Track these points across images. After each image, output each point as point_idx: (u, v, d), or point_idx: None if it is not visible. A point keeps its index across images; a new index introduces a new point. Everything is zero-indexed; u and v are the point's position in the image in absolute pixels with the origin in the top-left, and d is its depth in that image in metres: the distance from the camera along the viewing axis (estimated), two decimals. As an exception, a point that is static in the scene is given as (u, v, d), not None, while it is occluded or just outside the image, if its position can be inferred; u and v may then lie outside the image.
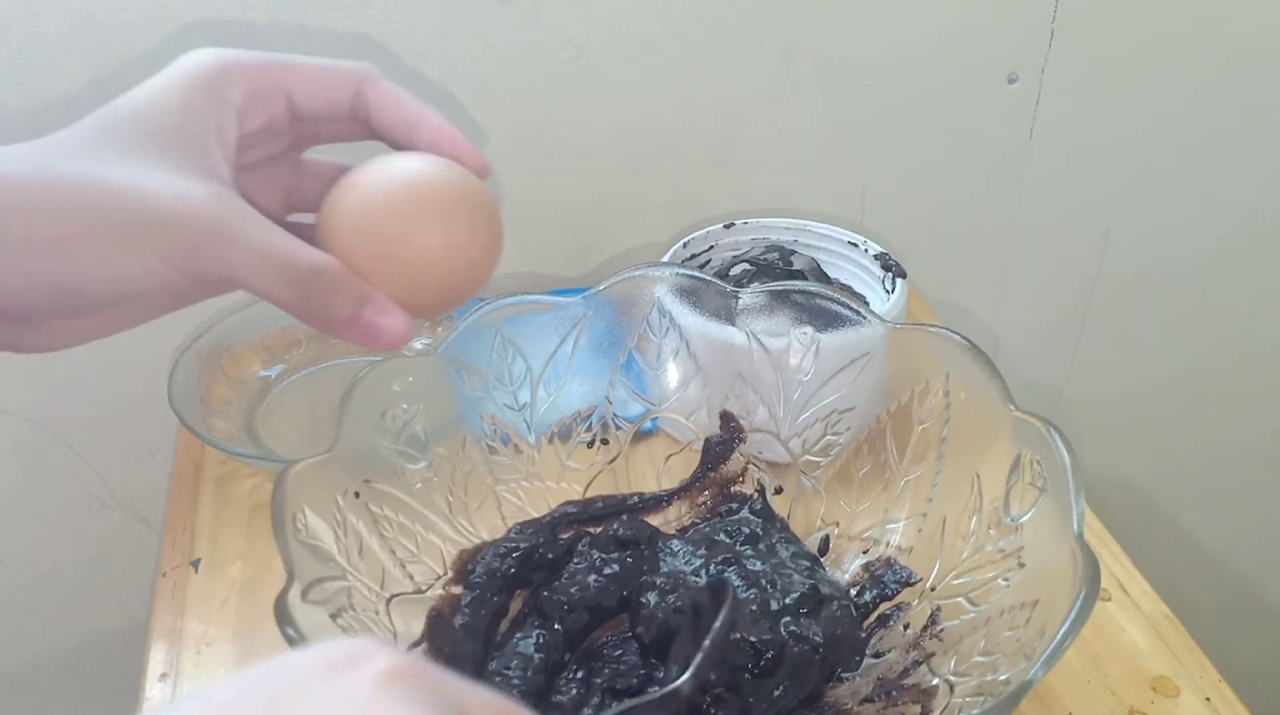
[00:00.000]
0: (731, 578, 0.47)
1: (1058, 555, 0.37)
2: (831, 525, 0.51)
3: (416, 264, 0.34)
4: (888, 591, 0.47)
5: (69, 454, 0.75)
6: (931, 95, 0.78)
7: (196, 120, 0.33)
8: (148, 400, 0.73)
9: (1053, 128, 0.82)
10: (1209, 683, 0.49)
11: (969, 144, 0.82)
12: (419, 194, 0.34)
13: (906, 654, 0.43)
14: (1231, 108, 0.85)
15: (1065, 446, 0.39)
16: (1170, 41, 0.81)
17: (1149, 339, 0.97)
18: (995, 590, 0.41)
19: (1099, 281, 0.92)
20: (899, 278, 0.64)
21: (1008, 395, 0.42)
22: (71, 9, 0.60)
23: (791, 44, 0.73)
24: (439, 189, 0.34)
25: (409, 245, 0.34)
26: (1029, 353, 0.95)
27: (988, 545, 0.43)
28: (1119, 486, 1.03)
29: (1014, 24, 0.77)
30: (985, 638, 0.40)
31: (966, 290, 0.89)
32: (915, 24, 0.75)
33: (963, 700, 0.38)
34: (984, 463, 0.44)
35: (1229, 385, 1.02)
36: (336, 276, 0.33)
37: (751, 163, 0.77)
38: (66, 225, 0.31)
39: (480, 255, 0.35)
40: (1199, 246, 0.92)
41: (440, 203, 0.34)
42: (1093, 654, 0.50)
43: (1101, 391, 0.99)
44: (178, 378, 0.64)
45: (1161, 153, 0.86)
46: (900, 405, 0.48)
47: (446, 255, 0.34)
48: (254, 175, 0.38)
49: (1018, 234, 0.87)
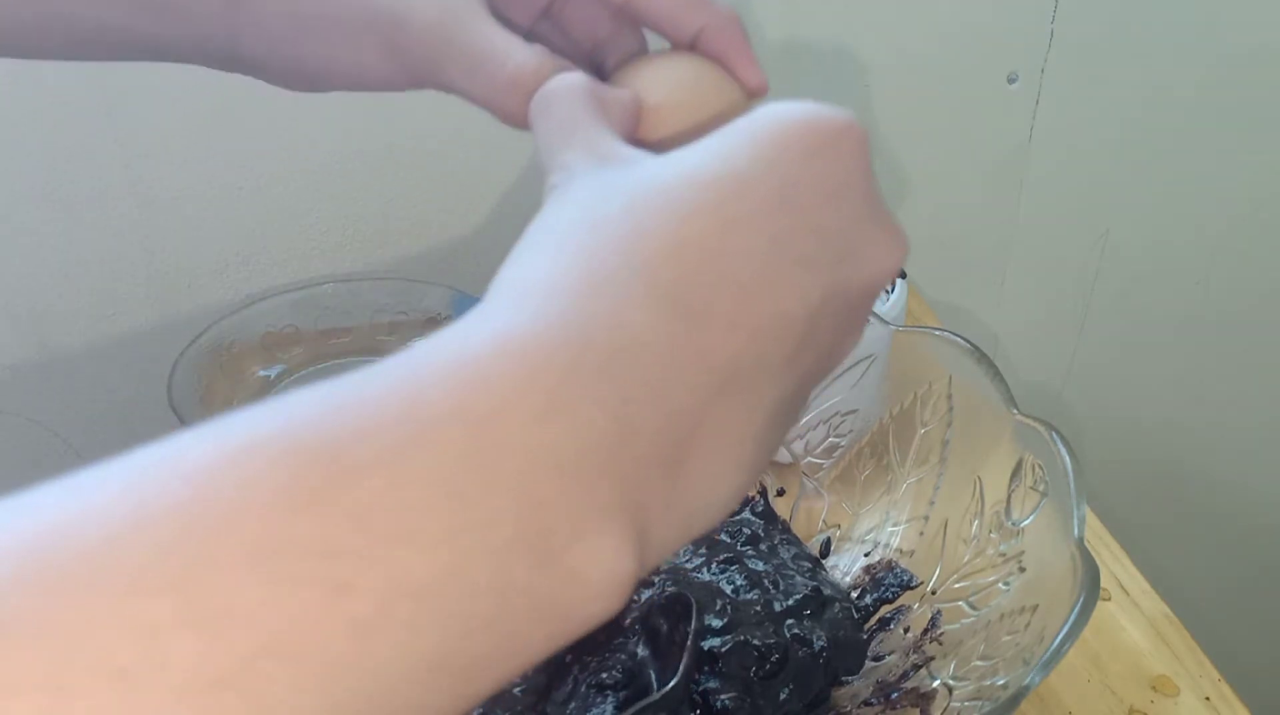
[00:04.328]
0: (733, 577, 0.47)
1: (1058, 560, 0.37)
2: (833, 527, 0.51)
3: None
4: (888, 594, 0.47)
5: (69, 454, 0.75)
6: (931, 95, 0.78)
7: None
8: (148, 400, 0.73)
9: (1053, 128, 0.82)
10: (1209, 682, 0.49)
11: (969, 144, 0.81)
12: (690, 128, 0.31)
13: (906, 657, 0.44)
14: (1231, 107, 0.85)
15: (1067, 451, 0.39)
16: (1170, 41, 0.81)
17: (1149, 339, 0.97)
18: (995, 594, 0.41)
19: (1099, 281, 0.92)
20: (899, 278, 0.64)
21: (1010, 399, 0.42)
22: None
23: (791, 43, 0.73)
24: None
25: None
26: (1029, 352, 0.95)
27: (989, 549, 0.43)
28: (1119, 486, 1.03)
29: (1014, 24, 0.77)
30: (985, 642, 0.40)
31: (966, 290, 0.89)
32: (915, 24, 0.75)
33: (961, 704, 0.38)
34: (986, 466, 0.44)
35: (1229, 385, 1.02)
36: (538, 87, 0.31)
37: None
38: (295, 8, 0.32)
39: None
40: (1199, 246, 0.92)
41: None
42: (1092, 654, 0.51)
43: (1101, 391, 0.99)
44: (178, 378, 0.64)
45: (1161, 153, 0.86)
46: (903, 408, 0.48)
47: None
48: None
49: (1017, 234, 0.87)
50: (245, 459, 0.18)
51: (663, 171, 0.23)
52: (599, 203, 0.23)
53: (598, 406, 0.20)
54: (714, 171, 0.23)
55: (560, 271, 0.22)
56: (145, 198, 0.68)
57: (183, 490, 0.17)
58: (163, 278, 0.71)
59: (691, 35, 0.34)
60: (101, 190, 0.67)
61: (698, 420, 0.22)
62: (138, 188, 0.68)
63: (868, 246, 0.25)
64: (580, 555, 0.20)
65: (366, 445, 0.19)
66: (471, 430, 0.19)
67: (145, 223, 0.69)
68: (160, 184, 0.68)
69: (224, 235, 0.71)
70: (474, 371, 0.20)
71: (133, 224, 0.69)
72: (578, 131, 0.27)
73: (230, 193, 0.70)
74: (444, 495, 0.19)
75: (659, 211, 0.22)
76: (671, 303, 0.22)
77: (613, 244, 0.22)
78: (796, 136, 0.24)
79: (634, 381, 0.21)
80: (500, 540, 0.19)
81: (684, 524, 0.22)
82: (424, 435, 0.19)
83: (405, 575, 0.18)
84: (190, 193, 0.69)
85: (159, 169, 0.68)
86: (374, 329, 0.73)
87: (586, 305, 0.21)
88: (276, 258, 0.73)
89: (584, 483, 0.20)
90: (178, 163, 0.67)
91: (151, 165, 0.67)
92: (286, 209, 0.71)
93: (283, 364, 0.70)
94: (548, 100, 0.28)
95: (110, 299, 0.71)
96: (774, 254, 0.23)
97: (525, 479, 0.19)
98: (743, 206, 0.23)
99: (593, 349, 0.21)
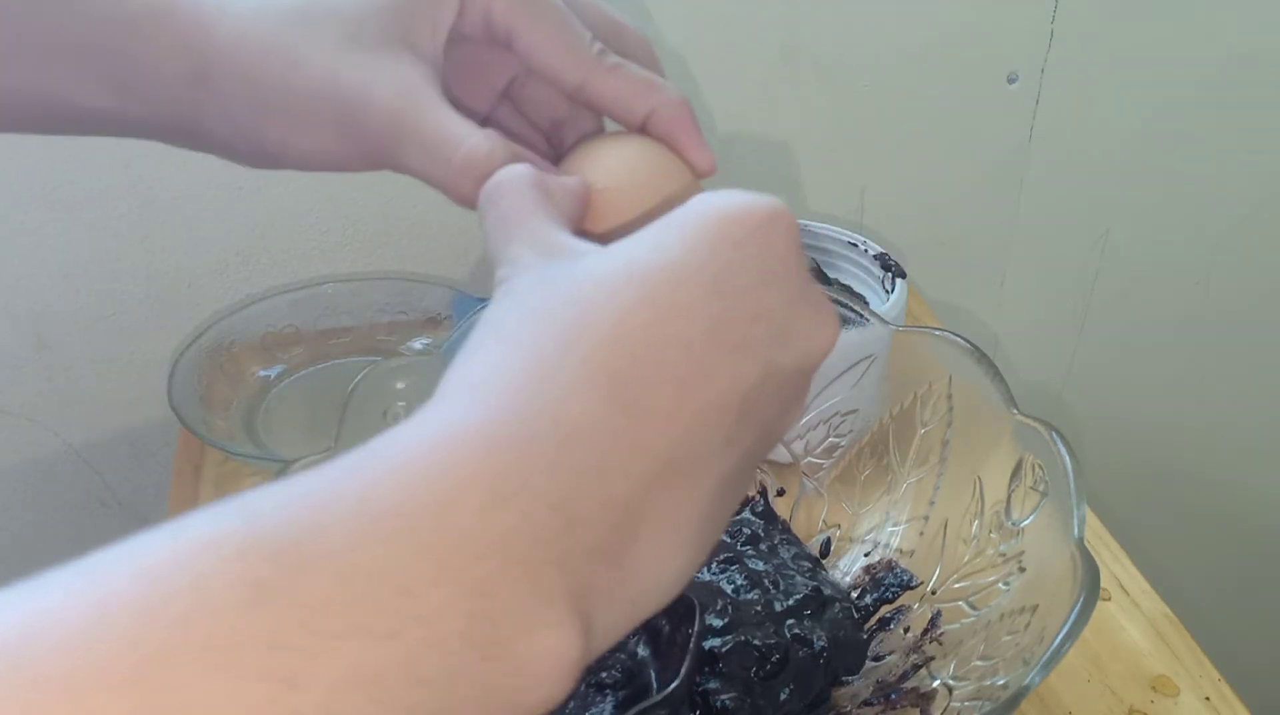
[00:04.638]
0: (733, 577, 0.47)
1: (1058, 560, 0.37)
2: (833, 527, 0.51)
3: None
4: (888, 594, 0.47)
5: (69, 454, 0.75)
6: (931, 95, 0.78)
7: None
8: (148, 400, 0.73)
9: (1053, 128, 0.82)
10: (1209, 682, 0.49)
11: (969, 144, 0.82)
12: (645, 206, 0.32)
13: (906, 657, 0.44)
14: (1231, 107, 0.85)
15: (1067, 451, 0.39)
16: (1170, 41, 0.81)
17: (1149, 339, 0.97)
18: (995, 594, 0.41)
19: (1099, 281, 0.92)
20: (899, 278, 0.64)
21: (1010, 399, 0.42)
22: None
23: (791, 43, 0.73)
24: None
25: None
26: (1029, 352, 0.95)
27: (989, 549, 0.43)
28: (1119, 486, 1.03)
29: (1014, 24, 0.77)
30: (985, 642, 0.40)
31: (966, 290, 0.89)
32: (915, 24, 0.75)
33: (961, 704, 0.38)
34: (986, 466, 0.44)
35: (1229, 385, 1.02)
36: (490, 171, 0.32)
37: (751, 162, 0.77)
38: (258, 92, 0.33)
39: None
40: (1199, 246, 0.92)
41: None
42: (1092, 653, 0.51)
43: (1101, 391, 0.99)
44: (178, 378, 0.64)
45: (1161, 152, 0.86)
46: (903, 408, 0.48)
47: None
48: (459, 63, 0.36)
49: (1017, 234, 0.87)
50: (200, 556, 0.18)
51: (602, 264, 0.24)
52: (543, 297, 0.24)
53: (540, 497, 0.21)
54: (650, 263, 0.24)
55: (506, 366, 0.23)
56: (145, 198, 0.68)
57: (141, 587, 0.18)
58: (163, 278, 0.71)
59: (641, 119, 0.34)
60: (101, 190, 0.67)
61: (638, 507, 0.23)
62: (138, 188, 0.68)
63: (801, 326, 0.26)
64: (527, 645, 0.20)
65: (318, 540, 0.19)
66: (419, 523, 0.20)
67: (145, 223, 0.69)
68: (160, 184, 0.68)
69: (224, 235, 0.71)
70: (423, 466, 0.21)
71: (133, 224, 0.69)
72: (523, 225, 0.27)
73: (230, 193, 0.70)
74: (392, 588, 0.19)
75: (600, 305, 0.23)
76: (611, 394, 0.22)
77: (556, 337, 0.23)
78: (728, 226, 0.25)
79: (575, 471, 0.22)
80: (448, 631, 0.19)
81: (630, 608, 0.23)
82: (374, 528, 0.20)
83: (353, 668, 0.18)
84: (190, 193, 0.69)
85: (159, 169, 0.68)
86: (374, 329, 0.73)
87: (531, 398, 0.22)
88: (276, 258, 0.73)
89: (530, 572, 0.20)
90: (178, 163, 0.67)
91: (151, 165, 0.67)
92: (286, 209, 0.71)
93: (283, 364, 0.70)
94: (494, 194, 0.29)
95: (110, 299, 0.71)
96: (710, 341, 0.24)
97: (472, 569, 0.20)
98: (678, 297, 0.24)
99: (537, 440, 0.21)
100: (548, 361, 0.22)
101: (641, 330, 0.23)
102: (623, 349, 0.23)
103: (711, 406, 0.23)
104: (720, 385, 0.24)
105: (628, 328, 0.23)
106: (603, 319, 0.23)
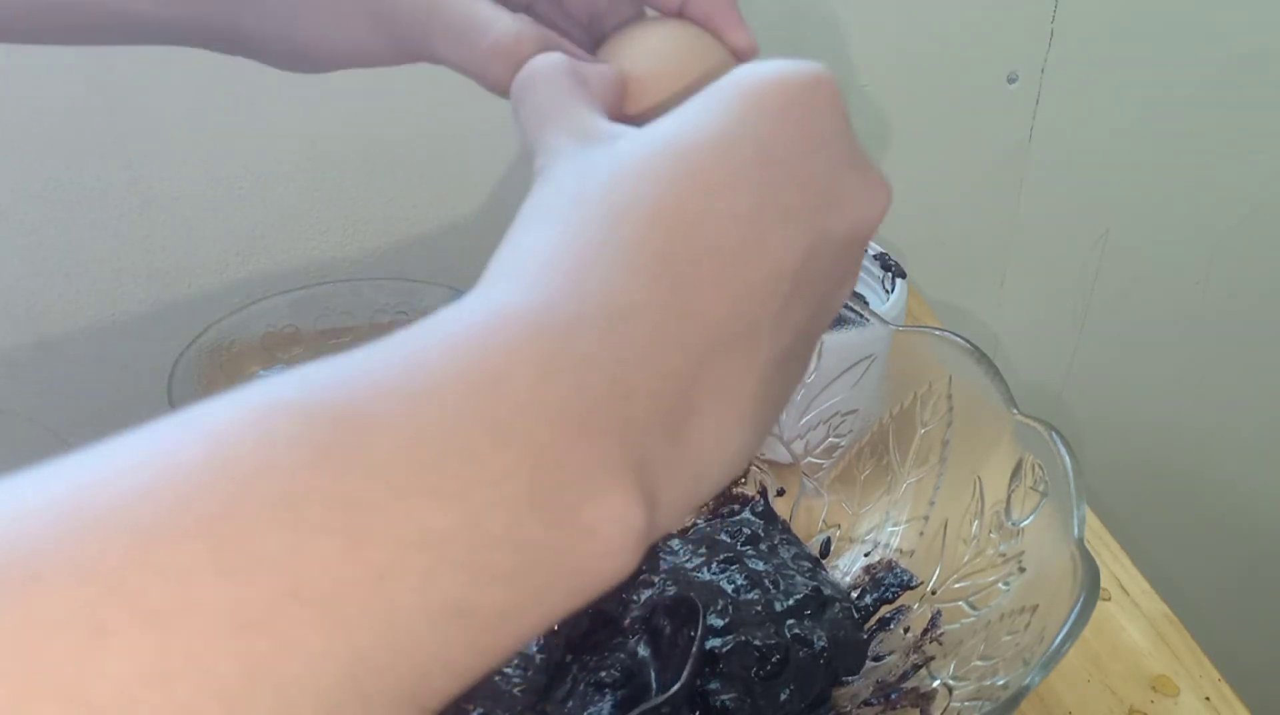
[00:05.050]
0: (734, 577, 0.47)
1: (1058, 560, 0.37)
2: (833, 527, 0.51)
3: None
4: (888, 594, 0.47)
5: (69, 454, 0.75)
6: (931, 95, 0.78)
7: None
8: (148, 400, 0.73)
9: (1053, 128, 0.82)
10: (1209, 682, 0.49)
11: (969, 144, 0.81)
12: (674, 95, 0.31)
13: (906, 657, 0.44)
14: (1232, 107, 0.85)
15: (1067, 451, 0.39)
16: (1170, 41, 0.81)
17: (1149, 339, 0.97)
18: (995, 594, 0.41)
19: (1099, 281, 0.92)
20: (899, 278, 0.64)
21: (1010, 399, 0.42)
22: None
23: (790, 43, 0.73)
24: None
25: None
26: (1029, 352, 0.95)
27: (989, 549, 0.43)
28: (1119, 487, 1.03)
29: (1014, 24, 0.77)
30: (985, 642, 0.40)
31: (966, 290, 0.89)
32: (915, 23, 0.75)
33: (961, 704, 0.38)
34: (986, 466, 0.44)
35: (1229, 385, 1.02)
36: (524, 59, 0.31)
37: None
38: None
39: None
40: (1199, 246, 0.92)
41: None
42: (1092, 653, 0.51)
43: (1101, 391, 0.99)
44: (178, 378, 0.64)
45: (1161, 152, 0.86)
46: (903, 408, 0.48)
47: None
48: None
49: (1017, 234, 0.87)
50: (264, 418, 0.19)
51: (641, 144, 0.24)
52: (583, 181, 0.24)
53: (594, 370, 0.21)
54: (690, 139, 0.24)
55: (550, 249, 0.23)
56: (145, 197, 0.68)
57: (206, 447, 0.18)
58: (163, 278, 0.71)
59: (679, 2, 0.34)
60: (101, 190, 0.67)
61: (693, 380, 0.22)
62: (138, 187, 0.68)
63: (850, 193, 0.25)
64: (592, 510, 0.20)
65: (379, 405, 0.19)
66: (477, 393, 0.20)
67: (145, 222, 0.69)
68: (160, 184, 0.68)
69: (224, 235, 0.71)
70: (475, 341, 0.21)
71: (133, 224, 0.69)
72: (559, 113, 0.27)
73: (230, 192, 0.70)
74: (456, 451, 0.19)
75: (639, 184, 0.23)
76: (658, 271, 0.22)
77: (597, 219, 0.23)
78: (769, 94, 0.24)
79: (627, 346, 0.21)
80: (513, 495, 0.19)
81: (692, 483, 0.23)
82: (433, 396, 0.20)
83: (421, 526, 0.18)
84: (190, 192, 0.69)
85: (159, 169, 0.68)
86: (374, 329, 0.73)
87: (576, 278, 0.22)
88: (276, 258, 0.73)
89: (590, 440, 0.20)
90: (178, 163, 0.67)
91: (151, 165, 0.67)
92: (286, 209, 0.71)
93: (283, 364, 0.70)
94: (528, 83, 0.28)
95: (110, 299, 0.71)
96: (757, 212, 0.23)
97: (534, 436, 0.20)
98: (721, 170, 0.23)
99: (585, 318, 0.21)
100: (592, 245, 0.22)
101: (686, 206, 0.23)
102: (668, 226, 0.22)
103: (763, 278, 0.23)
104: (771, 256, 0.23)
105: (671, 204, 0.23)
106: (645, 198, 0.23)
